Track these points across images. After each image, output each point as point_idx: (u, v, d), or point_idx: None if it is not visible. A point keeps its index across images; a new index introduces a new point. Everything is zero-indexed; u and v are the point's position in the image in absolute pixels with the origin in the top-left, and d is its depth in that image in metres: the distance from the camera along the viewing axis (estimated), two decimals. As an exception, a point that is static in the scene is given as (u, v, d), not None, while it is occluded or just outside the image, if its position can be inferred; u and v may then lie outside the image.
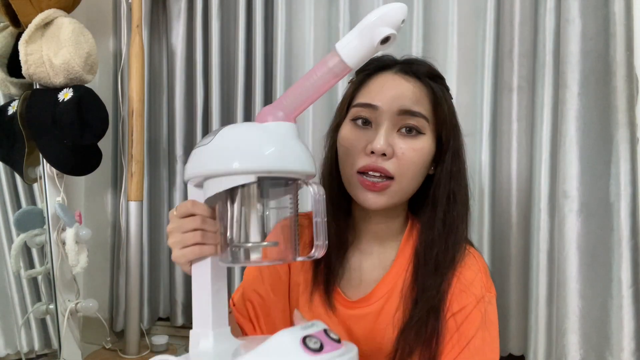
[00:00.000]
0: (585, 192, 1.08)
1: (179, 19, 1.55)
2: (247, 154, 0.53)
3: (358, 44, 0.53)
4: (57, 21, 1.24)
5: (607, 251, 1.06)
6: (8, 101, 1.34)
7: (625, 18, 1.04)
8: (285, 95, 0.57)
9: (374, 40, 0.53)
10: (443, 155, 0.77)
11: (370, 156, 0.72)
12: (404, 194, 0.75)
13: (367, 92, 0.76)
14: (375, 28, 0.53)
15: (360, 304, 0.78)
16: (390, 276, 0.78)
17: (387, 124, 0.72)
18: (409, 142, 0.73)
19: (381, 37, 0.52)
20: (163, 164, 1.59)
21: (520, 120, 1.25)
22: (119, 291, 1.60)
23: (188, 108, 1.56)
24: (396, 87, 0.74)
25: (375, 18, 0.53)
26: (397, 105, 0.72)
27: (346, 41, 0.54)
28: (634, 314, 1.04)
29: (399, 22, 0.53)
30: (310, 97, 0.57)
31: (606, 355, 1.07)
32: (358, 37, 0.53)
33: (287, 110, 0.57)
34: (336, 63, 0.55)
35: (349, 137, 0.75)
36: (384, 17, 0.53)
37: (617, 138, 1.05)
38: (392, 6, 0.53)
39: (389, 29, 0.52)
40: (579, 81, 1.08)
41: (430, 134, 0.75)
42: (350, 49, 0.54)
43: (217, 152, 0.55)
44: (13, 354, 1.44)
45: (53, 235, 1.30)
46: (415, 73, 0.76)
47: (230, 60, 1.50)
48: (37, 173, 1.33)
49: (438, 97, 0.75)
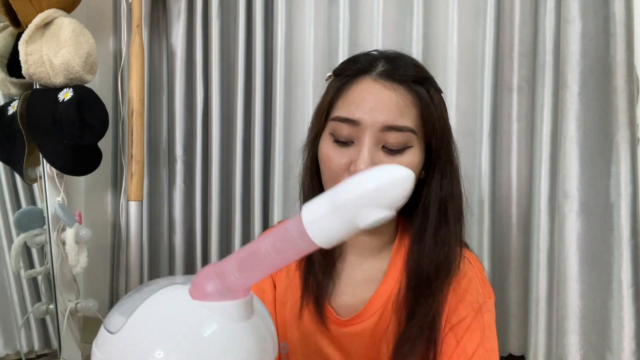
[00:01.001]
0: (585, 192, 1.08)
1: (179, 19, 1.55)
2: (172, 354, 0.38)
3: (331, 223, 0.38)
4: (57, 21, 1.23)
5: (607, 251, 1.06)
6: (8, 101, 1.34)
7: (626, 18, 1.04)
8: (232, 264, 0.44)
9: (357, 223, 0.37)
10: (434, 161, 0.71)
11: (354, 174, 0.66)
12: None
13: (346, 104, 0.69)
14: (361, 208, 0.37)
15: (353, 321, 0.74)
16: (382, 289, 0.74)
17: (369, 141, 0.66)
18: (395, 159, 0.67)
19: (368, 222, 0.37)
20: (163, 164, 1.59)
21: (520, 120, 1.25)
22: (119, 291, 1.60)
23: (188, 108, 1.56)
24: (378, 97, 0.67)
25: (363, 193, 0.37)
26: (380, 120, 0.65)
27: (316, 214, 0.39)
28: (634, 314, 1.04)
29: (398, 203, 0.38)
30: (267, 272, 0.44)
31: (606, 356, 1.06)
32: (333, 214, 0.38)
33: (235, 285, 0.43)
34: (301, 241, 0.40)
35: (330, 155, 0.69)
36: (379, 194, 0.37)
37: (617, 138, 1.05)
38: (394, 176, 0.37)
39: (381, 211, 0.37)
40: (579, 81, 1.08)
41: (419, 143, 0.69)
42: (321, 227, 0.39)
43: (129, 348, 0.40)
44: (13, 354, 1.44)
45: (53, 235, 1.30)
46: (399, 79, 0.68)
47: (230, 60, 1.50)
48: (37, 173, 1.33)
49: (426, 104, 0.68)
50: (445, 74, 1.26)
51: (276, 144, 1.36)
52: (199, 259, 1.54)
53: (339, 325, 0.75)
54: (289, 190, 1.37)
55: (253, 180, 1.41)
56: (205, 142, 1.51)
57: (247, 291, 0.44)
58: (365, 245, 0.76)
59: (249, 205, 1.43)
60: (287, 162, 1.37)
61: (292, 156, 1.37)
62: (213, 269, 0.44)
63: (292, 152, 1.37)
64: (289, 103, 1.37)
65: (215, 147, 1.47)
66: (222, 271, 0.43)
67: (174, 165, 1.58)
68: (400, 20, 1.29)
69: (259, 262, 0.42)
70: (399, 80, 0.68)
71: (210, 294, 0.42)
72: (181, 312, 0.41)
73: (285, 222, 0.43)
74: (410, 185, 0.39)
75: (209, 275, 0.44)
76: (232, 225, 1.44)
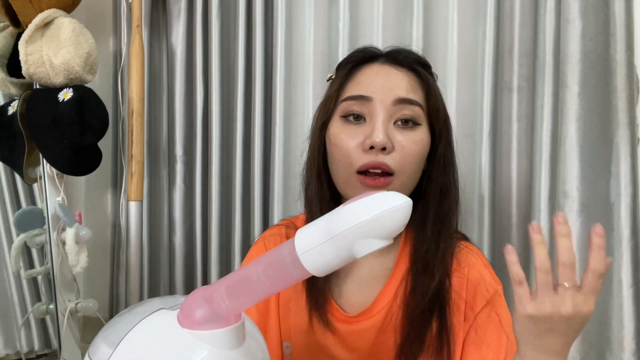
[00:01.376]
0: (585, 192, 1.08)
1: (179, 19, 1.55)
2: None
3: (327, 252, 0.37)
4: (57, 21, 1.24)
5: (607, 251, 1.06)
6: (8, 101, 1.34)
7: (626, 18, 1.04)
8: (221, 288, 0.41)
9: (353, 255, 0.36)
10: (435, 147, 0.72)
11: (369, 152, 0.66)
12: (405, 191, 0.69)
13: (356, 85, 0.70)
14: (358, 239, 0.35)
15: (360, 317, 0.74)
16: (391, 284, 0.74)
17: (383, 116, 0.67)
18: (407, 135, 0.68)
19: (366, 253, 0.35)
20: (163, 164, 1.59)
21: (520, 121, 1.25)
22: (119, 291, 1.60)
23: (188, 108, 1.56)
24: (387, 76, 0.69)
25: (356, 227, 0.35)
26: (391, 94, 0.67)
27: (311, 244, 0.37)
28: (634, 314, 1.04)
29: (395, 233, 0.36)
30: (258, 299, 0.42)
31: (606, 356, 1.07)
32: (330, 244, 0.36)
33: (225, 311, 0.41)
34: (294, 269, 0.39)
35: (341, 135, 0.69)
36: (371, 227, 0.35)
37: (617, 138, 1.05)
38: (386, 207, 0.35)
39: (379, 241, 0.35)
40: (579, 81, 1.08)
41: (425, 124, 0.71)
42: (316, 257, 0.37)
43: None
44: (13, 354, 1.44)
45: (53, 235, 1.30)
46: (404, 61, 0.71)
47: (230, 60, 1.50)
48: (37, 173, 1.33)
49: (430, 86, 0.71)
50: (445, 74, 1.26)
51: (276, 144, 1.36)
52: (199, 259, 1.54)
53: (346, 322, 0.74)
54: (289, 190, 1.37)
55: (253, 180, 1.40)
56: (205, 142, 1.51)
57: (238, 317, 0.42)
58: None
59: (249, 205, 1.43)
60: (287, 162, 1.37)
61: (292, 156, 1.37)
62: (202, 294, 0.42)
63: (292, 152, 1.37)
64: (289, 103, 1.37)
65: (215, 147, 1.47)
66: (212, 296, 0.41)
67: (174, 165, 1.58)
68: (400, 20, 1.29)
69: (250, 289, 0.40)
70: (405, 63, 0.71)
71: (200, 321, 0.40)
72: (169, 343, 0.39)
73: (278, 247, 0.41)
74: (408, 214, 0.37)
75: (198, 301, 0.41)
76: (232, 225, 1.44)
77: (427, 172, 0.73)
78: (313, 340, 0.76)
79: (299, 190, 0.80)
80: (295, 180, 1.36)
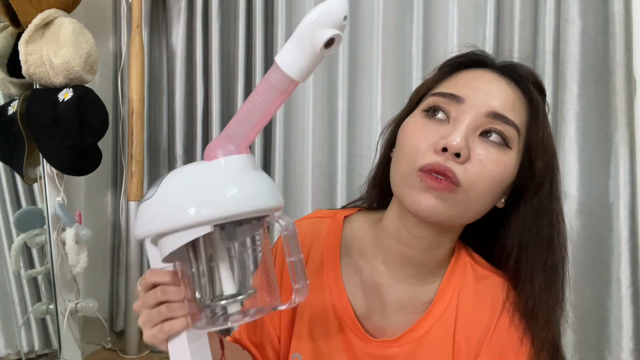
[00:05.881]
0: (584, 192, 1.08)
1: (179, 19, 1.55)
2: (201, 201, 0.46)
3: (298, 53, 0.46)
4: (57, 21, 1.24)
5: (606, 251, 1.07)
6: (8, 101, 1.34)
7: (625, 18, 1.04)
8: (232, 124, 0.50)
9: (316, 45, 0.45)
10: (528, 186, 0.61)
11: (439, 154, 0.56)
12: (465, 212, 0.58)
13: (453, 83, 0.61)
14: (314, 31, 0.46)
15: (383, 344, 0.65)
16: (428, 320, 0.64)
17: (469, 122, 0.56)
18: (491, 150, 0.57)
19: (323, 41, 0.45)
20: (163, 164, 1.59)
21: (519, 120, 1.25)
22: (119, 291, 1.60)
23: (188, 108, 1.56)
24: (492, 84, 0.59)
25: (312, 20, 0.46)
26: (487, 104, 0.57)
27: (286, 51, 0.47)
28: (633, 314, 1.04)
29: (340, 21, 0.46)
30: (260, 121, 0.49)
31: (605, 355, 1.07)
32: (297, 45, 0.46)
33: (237, 141, 0.49)
34: (279, 79, 0.47)
35: (416, 129, 0.59)
36: (322, 18, 0.46)
37: (616, 138, 1.06)
38: (330, 3, 0.46)
39: (330, 30, 0.45)
40: (578, 81, 1.08)
41: (517, 153, 0.59)
42: (292, 60, 0.46)
43: (165, 206, 0.48)
44: (13, 354, 1.44)
45: (53, 235, 1.30)
46: (516, 77, 0.61)
47: (230, 60, 1.50)
48: (37, 173, 1.33)
49: (538, 112, 0.60)
50: (445, 74, 1.26)
51: (276, 144, 1.36)
52: (199, 259, 1.54)
53: (365, 341, 0.66)
54: (289, 191, 1.37)
55: (253, 180, 1.40)
56: (205, 142, 1.51)
57: (247, 149, 0.51)
58: (410, 260, 0.64)
59: (248, 205, 1.43)
60: (287, 162, 1.37)
61: (292, 156, 1.37)
62: (219, 137, 0.51)
63: (292, 152, 1.37)
64: (288, 103, 1.37)
65: (215, 147, 1.47)
66: (227, 132, 0.50)
67: (174, 165, 1.58)
68: (400, 20, 1.29)
69: (252, 113, 0.49)
70: (516, 78, 0.61)
71: (221, 155, 0.49)
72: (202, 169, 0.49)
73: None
74: (344, 5, 0.46)
75: (218, 142, 0.50)
76: (232, 225, 1.44)
77: (506, 221, 0.63)
78: (324, 353, 0.71)
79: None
80: (295, 180, 1.36)
